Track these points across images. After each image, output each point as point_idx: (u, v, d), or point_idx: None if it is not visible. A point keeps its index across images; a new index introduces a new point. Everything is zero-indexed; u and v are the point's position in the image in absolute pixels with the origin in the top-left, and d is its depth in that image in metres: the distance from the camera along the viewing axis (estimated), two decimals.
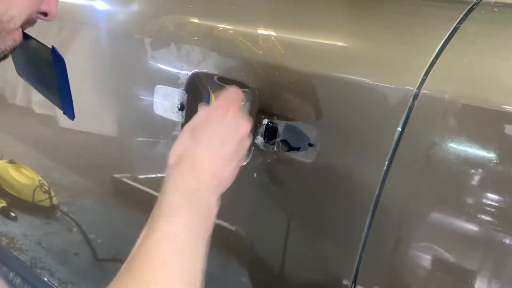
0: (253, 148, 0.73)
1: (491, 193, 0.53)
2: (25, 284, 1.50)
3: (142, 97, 0.91)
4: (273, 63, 0.69)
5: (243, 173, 0.73)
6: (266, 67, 0.70)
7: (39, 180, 1.45)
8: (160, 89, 0.83)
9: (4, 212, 1.55)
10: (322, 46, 0.68)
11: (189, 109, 0.80)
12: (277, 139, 0.70)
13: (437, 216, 0.58)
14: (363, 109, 0.62)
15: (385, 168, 0.59)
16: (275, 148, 0.71)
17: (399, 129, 0.58)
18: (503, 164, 0.52)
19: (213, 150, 0.58)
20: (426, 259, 0.58)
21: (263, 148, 0.72)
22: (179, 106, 0.80)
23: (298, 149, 0.68)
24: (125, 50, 0.92)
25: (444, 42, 0.57)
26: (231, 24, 0.76)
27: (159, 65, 0.84)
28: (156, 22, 0.85)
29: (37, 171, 1.45)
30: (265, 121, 0.71)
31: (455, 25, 0.58)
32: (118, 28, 0.94)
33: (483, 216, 0.53)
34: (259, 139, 0.72)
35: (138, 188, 0.99)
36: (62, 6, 1.04)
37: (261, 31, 0.72)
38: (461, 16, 0.58)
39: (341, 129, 0.64)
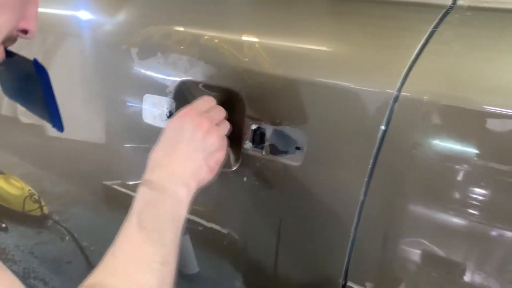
0: (242, 153, 0.75)
1: (473, 188, 0.56)
2: None
3: (131, 106, 0.92)
4: (258, 70, 0.71)
5: (234, 177, 0.75)
6: (252, 73, 0.71)
7: (29, 190, 1.45)
8: (148, 98, 0.84)
9: None
10: (305, 52, 0.70)
11: None
12: (265, 144, 0.72)
13: (422, 211, 0.60)
14: (347, 112, 0.64)
15: (369, 168, 0.62)
16: (263, 153, 0.72)
17: (382, 130, 0.60)
18: (484, 160, 0.54)
19: (173, 149, 0.66)
20: (413, 253, 0.61)
21: (252, 153, 0.74)
22: (168, 114, 0.82)
23: (286, 152, 0.70)
24: (113, 60, 0.93)
25: (422, 45, 0.60)
26: (216, 33, 0.78)
27: (147, 74, 0.85)
28: (142, 32, 0.86)
29: (27, 181, 1.45)
30: (253, 127, 0.73)
31: (431, 28, 0.61)
32: (104, 38, 0.95)
33: (467, 210, 0.56)
34: (248, 144, 0.74)
35: (129, 195, 1.00)
36: (48, 17, 1.04)
37: (246, 39, 0.74)
38: (437, 20, 0.61)
39: (326, 132, 0.66)
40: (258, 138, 0.72)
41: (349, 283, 0.67)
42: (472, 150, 0.55)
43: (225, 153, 0.71)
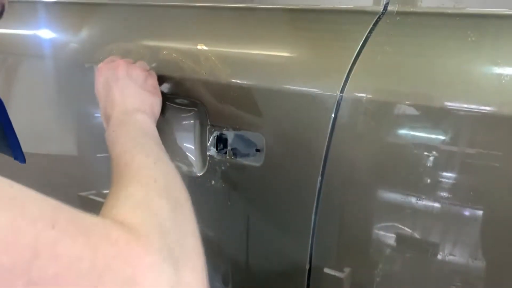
0: (208, 159, 0.80)
1: (414, 171, 0.63)
2: None
3: (99, 117, 0.96)
4: (215, 80, 0.76)
5: (202, 182, 0.81)
6: (210, 84, 0.77)
7: None
8: None
9: None
10: (257, 61, 0.76)
11: None
12: (228, 148, 0.78)
13: (372, 197, 0.67)
14: (298, 114, 0.70)
15: (322, 163, 0.68)
16: (227, 156, 0.78)
17: (330, 128, 0.67)
18: (418, 145, 0.62)
19: (110, 98, 0.71)
20: (370, 236, 0.68)
21: (217, 157, 0.79)
22: None
23: (247, 155, 0.76)
24: (79, 77, 0.96)
25: (359, 50, 0.66)
26: (174, 47, 0.83)
27: None
28: (104, 49, 0.90)
29: None
30: (215, 133, 0.78)
31: (366, 33, 0.67)
32: (69, 57, 0.98)
33: (410, 191, 0.63)
34: (212, 150, 0.79)
35: None
36: (7, 37, 1.06)
37: (201, 52, 0.79)
38: (371, 26, 0.68)
39: (282, 133, 0.72)
40: (221, 143, 0.78)
41: (314, 268, 0.74)
42: (408, 137, 0.62)
43: (156, 79, 0.77)
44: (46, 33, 1.06)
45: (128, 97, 0.71)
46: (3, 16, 0.58)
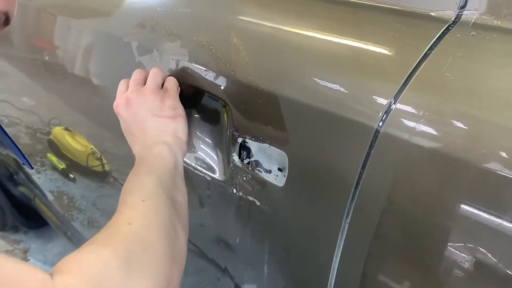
0: (232, 164, 0.71)
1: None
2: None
3: None
4: (244, 80, 0.65)
5: (224, 187, 0.73)
6: (237, 82, 0.66)
7: (91, 148, 1.54)
8: None
9: (64, 173, 1.68)
10: (292, 68, 0.61)
11: None
12: (251, 159, 0.68)
13: (405, 234, 0.53)
14: (330, 138, 0.57)
15: (350, 200, 0.56)
16: (249, 168, 0.68)
17: (363, 160, 0.53)
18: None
19: (132, 121, 0.69)
20: (392, 276, 0.56)
21: (239, 165, 0.70)
22: None
23: (269, 171, 0.66)
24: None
25: (411, 72, 0.50)
26: (206, 35, 0.71)
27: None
28: (140, 26, 0.82)
29: (90, 140, 1.51)
30: (239, 140, 0.68)
31: (425, 50, 0.50)
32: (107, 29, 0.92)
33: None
34: (235, 157, 0.70)
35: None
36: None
37: (233, 45, 0.67)
38: (433, 40, 0.50)
39: (308, 156, 0.60)
40: (245, 152, 0.68)
41: None
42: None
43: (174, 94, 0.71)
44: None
45: (147, 131, 0.67)
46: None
